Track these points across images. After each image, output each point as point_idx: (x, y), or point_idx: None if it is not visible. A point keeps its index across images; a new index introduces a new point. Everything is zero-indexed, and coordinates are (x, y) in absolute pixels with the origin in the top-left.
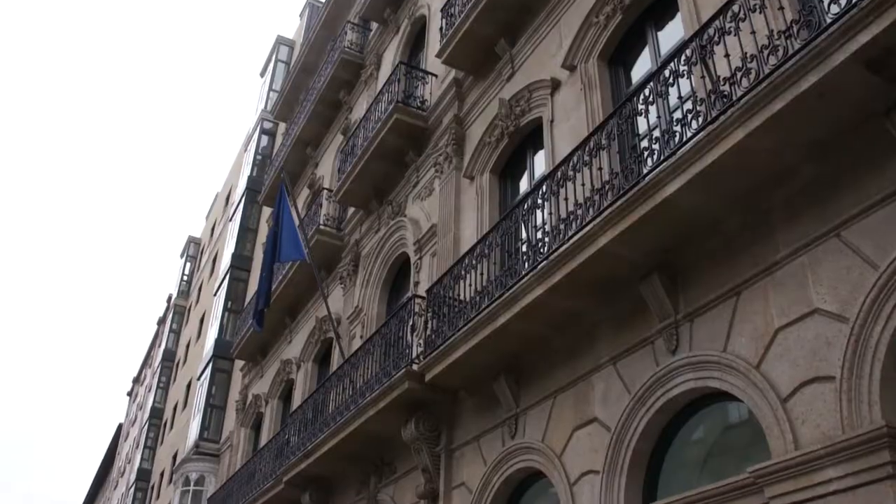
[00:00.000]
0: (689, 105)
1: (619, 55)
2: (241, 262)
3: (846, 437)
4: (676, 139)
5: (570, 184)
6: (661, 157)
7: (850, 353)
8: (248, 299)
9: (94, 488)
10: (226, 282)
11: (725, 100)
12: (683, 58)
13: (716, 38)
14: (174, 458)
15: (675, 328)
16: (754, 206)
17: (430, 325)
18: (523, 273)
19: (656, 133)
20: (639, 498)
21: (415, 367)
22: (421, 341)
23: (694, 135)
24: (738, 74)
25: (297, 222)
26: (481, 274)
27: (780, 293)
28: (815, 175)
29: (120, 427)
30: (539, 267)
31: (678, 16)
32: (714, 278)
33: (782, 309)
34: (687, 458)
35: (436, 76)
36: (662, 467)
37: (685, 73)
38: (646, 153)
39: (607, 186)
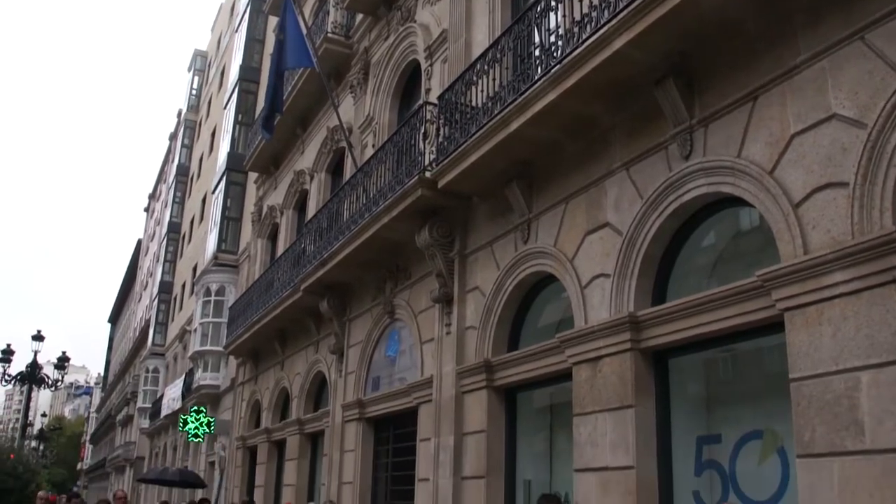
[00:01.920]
0: None
1: None
2: (249, 74)
3: (856, 241)
4: None
5: None
6: None
7: (866, 160)
8: (258, 111)
9: (119, 302)
10: (235, 94)
11: None
12: None
13: None
14: (194, 270)
15: (689, 133)
16: (776, 7)
17: (441, 132)
18: (536, 78)
19: None
20: (648, 300)
21: (427, 174)
22: (433, 148)
23: None
24: None
25: (304, 30)
26: (493, 79)
27: (797, 98)
28: None
29: (139, 243)
30: (552, 71)
31: None
32: (731, 83)
33: (799, 114)
34: (697, 263)
35: None
36: (672, 271)
37: None
38: None
39: None
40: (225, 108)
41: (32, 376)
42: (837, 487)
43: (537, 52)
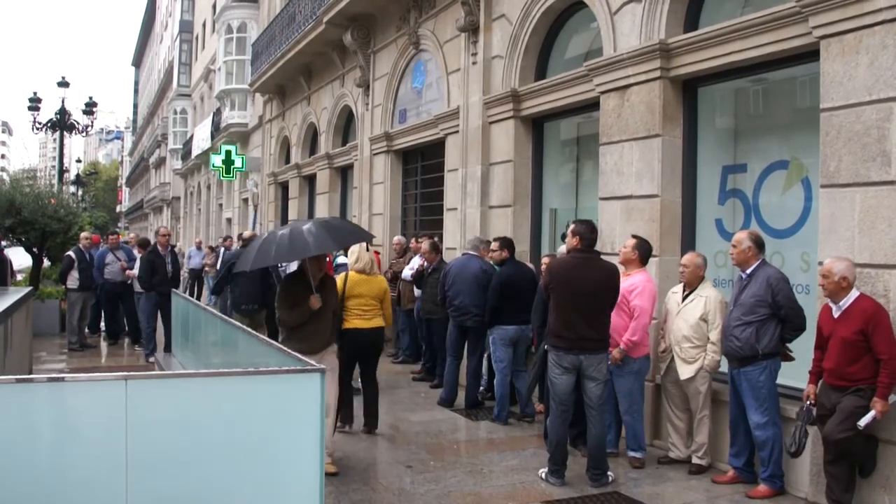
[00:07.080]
0: None
1: None
2: None
3: None
4: None
5: None
6: None
7: None
8: None
9: (141, 44)
10: None
11: None
12: None
13: None
14: (214, 7)
15: None
16: None
17: None
18: None
19: None
20: (680, 28)
21: None
22: None
23: None
24: None
25: None
26: None
27: None
28: None
29: None
30: None
31: None
32: None
33: None
34: None
35: None
36: None
37: None
38: None
39: None
40: None
41: (62, 122)
42: (858, 216)
43: None
